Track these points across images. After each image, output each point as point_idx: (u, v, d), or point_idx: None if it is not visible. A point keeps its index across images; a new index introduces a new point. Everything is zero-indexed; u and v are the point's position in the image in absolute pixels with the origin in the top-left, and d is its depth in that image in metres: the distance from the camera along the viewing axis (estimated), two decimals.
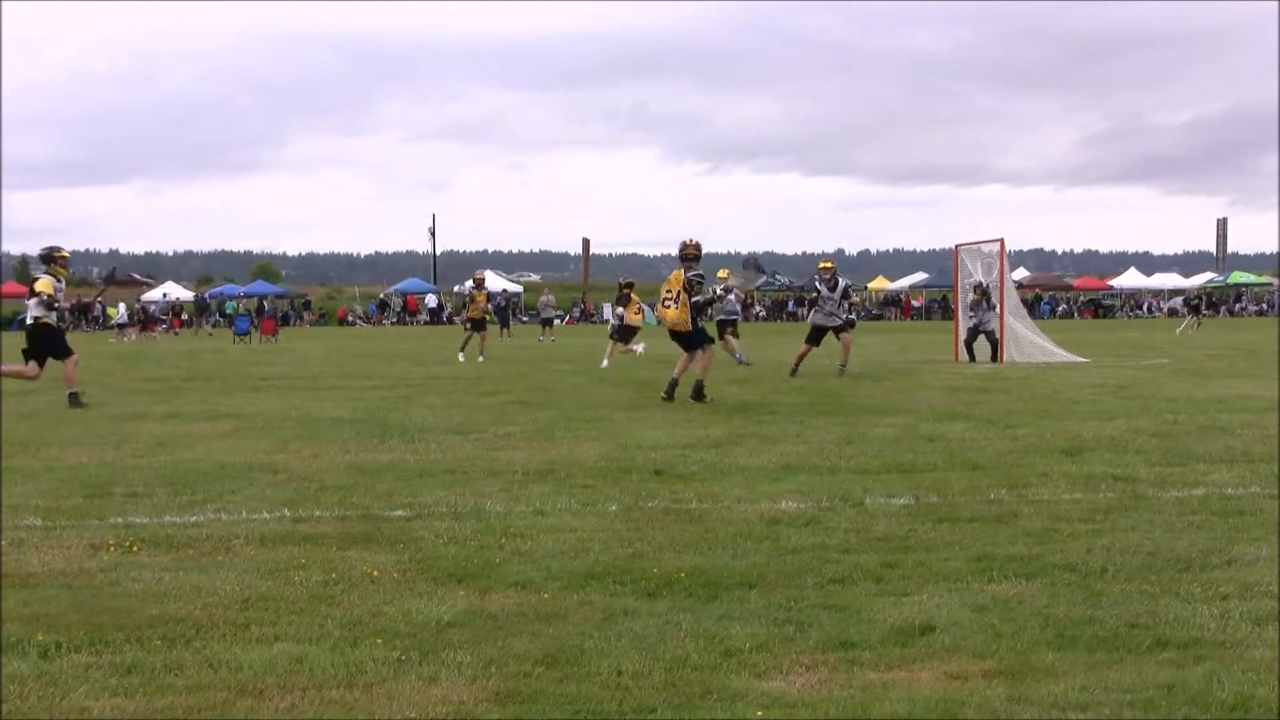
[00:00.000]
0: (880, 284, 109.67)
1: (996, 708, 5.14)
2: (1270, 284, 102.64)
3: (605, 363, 29.18)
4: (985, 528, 8.81)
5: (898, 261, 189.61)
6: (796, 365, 24.85)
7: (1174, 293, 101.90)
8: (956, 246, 33.21)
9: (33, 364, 19.20)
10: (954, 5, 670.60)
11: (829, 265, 25.49)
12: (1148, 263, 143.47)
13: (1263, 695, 5.21)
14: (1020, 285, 73.24)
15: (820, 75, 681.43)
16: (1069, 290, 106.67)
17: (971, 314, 30.35)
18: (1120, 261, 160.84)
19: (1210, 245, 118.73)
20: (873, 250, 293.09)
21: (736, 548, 8.22)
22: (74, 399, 18.89)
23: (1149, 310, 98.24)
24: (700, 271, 19.12)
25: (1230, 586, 7.05)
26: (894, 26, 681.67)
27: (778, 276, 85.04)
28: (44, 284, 19.27)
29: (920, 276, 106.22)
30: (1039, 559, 7.78)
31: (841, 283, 25.56)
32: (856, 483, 10.76)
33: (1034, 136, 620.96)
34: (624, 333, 30.99)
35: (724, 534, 8.65)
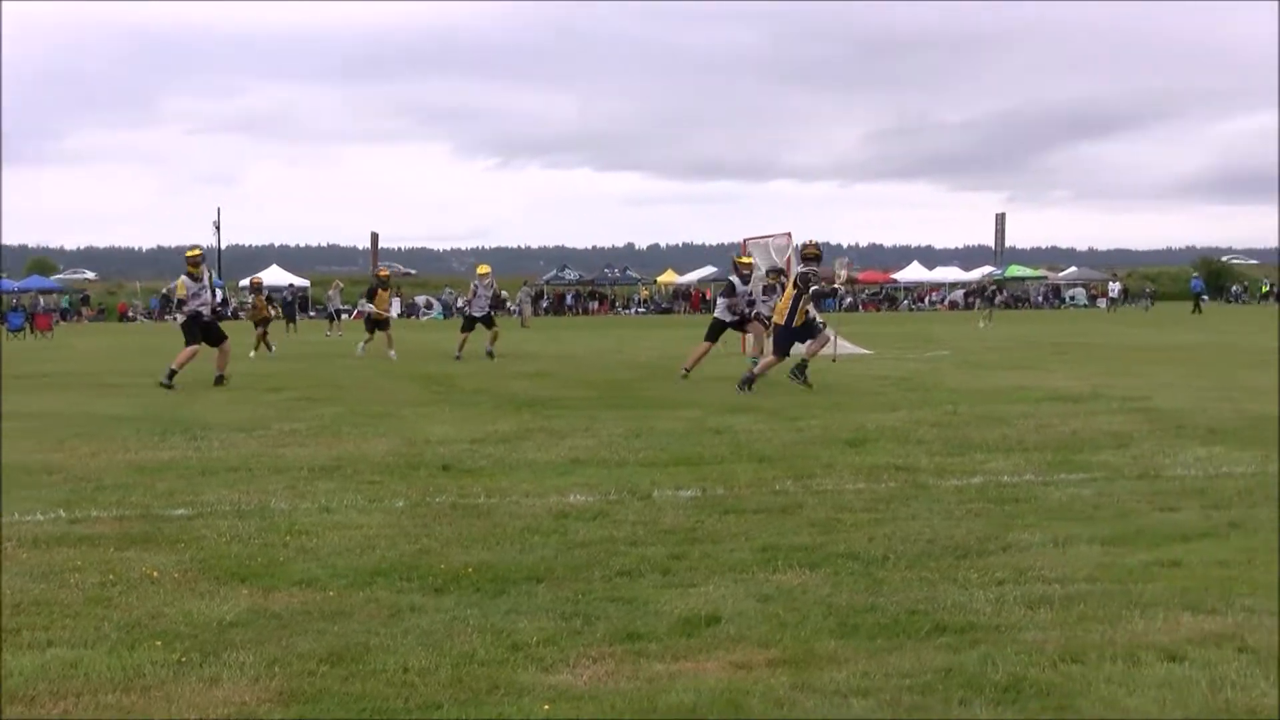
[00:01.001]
0: (670, 278, 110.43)
1: (780, 696, 5.22)
2: (1045, 277, 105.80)
3: (392, 354, 29.25)
4: (771, 519, 8.93)
5: (688, 255, 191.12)
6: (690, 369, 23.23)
7: (954, 286, 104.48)
8: (745, 240, 33.56)
9: None
10: (743, 4, 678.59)
11: (748, 260, 24.80)
12: (930, 256, 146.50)
13: (1034, 676, 5.38)
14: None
15: (612, 71, 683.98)
16: (855, 283, 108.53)
17: (765, 298, 30.56)
18: (904, 255, 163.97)
19: (989, 240, 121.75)
20: (663, 245, 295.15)
21: (524, 542, 8.22)
22: None
23: (930, 303, 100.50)
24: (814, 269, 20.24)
25: (1005, 572, 7.26)
26: (685, 23, 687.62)
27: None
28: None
29: (710, 270, 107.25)
30: (823, 548, 7.92)
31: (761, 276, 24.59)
32: (644, 475, 10.84)
33: (821, 133, 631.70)
34: (375, 324, 31.10)
35: (512, 528, 8.64)
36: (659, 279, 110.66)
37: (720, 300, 23.91)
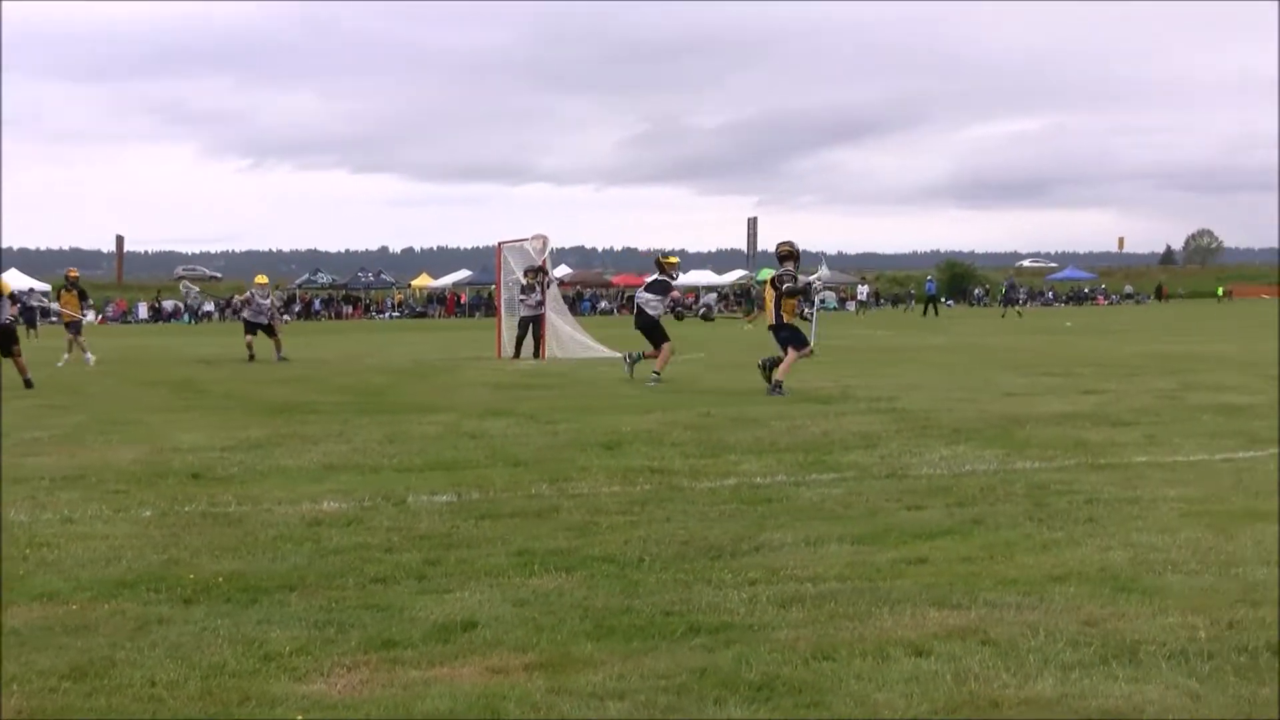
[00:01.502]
0: (425, 281, 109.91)
1: (537, 700, 5.22)
2: None
3: (89, 358, 29.50)
4: (526, 523, 8.93)
5: (442, 259, 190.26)
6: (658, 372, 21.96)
7: (708, 289, 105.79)
8: (500, 244, 33.55)
9: None
10: (498, 4, 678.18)
11: (674, 260, 23.60)
12: (684, 260, 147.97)
13: (787, 674, 5.47)
14: (562, 282, 74.56)
15: (367, 72, 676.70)
16: (609, 287, 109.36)
17: (523, 297, 30.58)
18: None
19: (741, 244, 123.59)
20: (417, 248, 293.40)
21: (276, 550, 8.09)
22: None
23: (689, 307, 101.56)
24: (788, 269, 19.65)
25: (758, 572, 7.37)
26: (442, 23, 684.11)
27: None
28: None
29: (465, 274, 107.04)
30: (578, 552, 7.94)
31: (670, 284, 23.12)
32: (399, 481, 10.75)
33: (576, 136, 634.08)
34: (71, 326, 30.97)
35: (264, 537, 8.49)
36: (414, 283, 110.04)
37: (653, 297, 22.84)
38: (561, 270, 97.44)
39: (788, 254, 19.80)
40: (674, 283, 23.40)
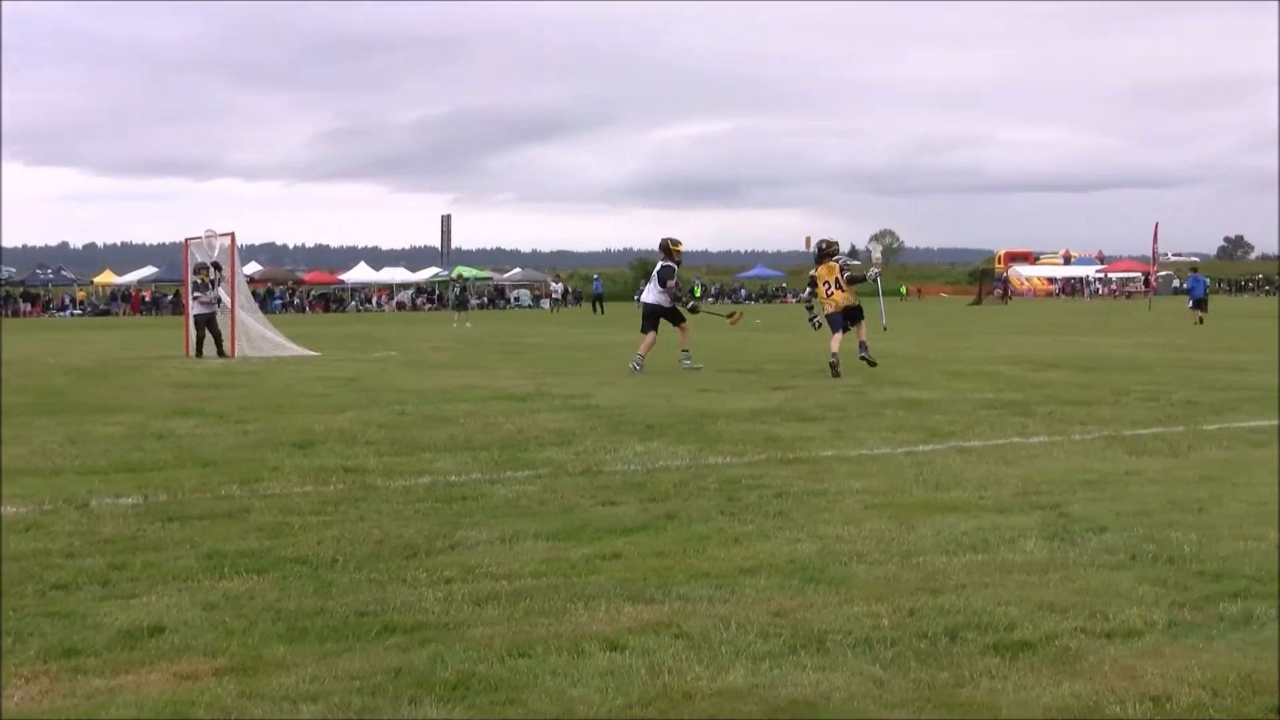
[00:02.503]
0: (108, 278, 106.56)
1: (228, 705, 5.11)
2: (490, 278, 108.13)
3: None
4: (216, 524, 8.74)
5: (127, 255, 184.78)
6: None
7: (402, 286, 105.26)
8: (186, 240, 32.77)
9: None
10: None
11: (679, 246, 23.80)
12: (377, 257, 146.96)
13: (483, 671, 5.47)
14: (251, 279, 73.28)
15: (47, 61, 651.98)
16: (300, 284, 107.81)
17: (196, 294, 29.98)
18: (351, 256, 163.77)
19: (435, 241, 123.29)
20: (100, 244, 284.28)
21: None
22: None
23: (379, 304, 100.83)
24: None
25: (454, 570, 7.35)
26: (129, 12, 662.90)
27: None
28: None
29: (150, 270, 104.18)
30: (270, 553, 7.80)
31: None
32: (82, 484, 10.40)
33: (266, 132, 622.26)
34: None
35: None
36: (96, 279, 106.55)
37: (655, 288, 23.00)
38: (252, 267, 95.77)
39: (831, 250, 22.37)
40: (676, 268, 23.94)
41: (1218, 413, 15.15)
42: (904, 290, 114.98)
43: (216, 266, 30.05)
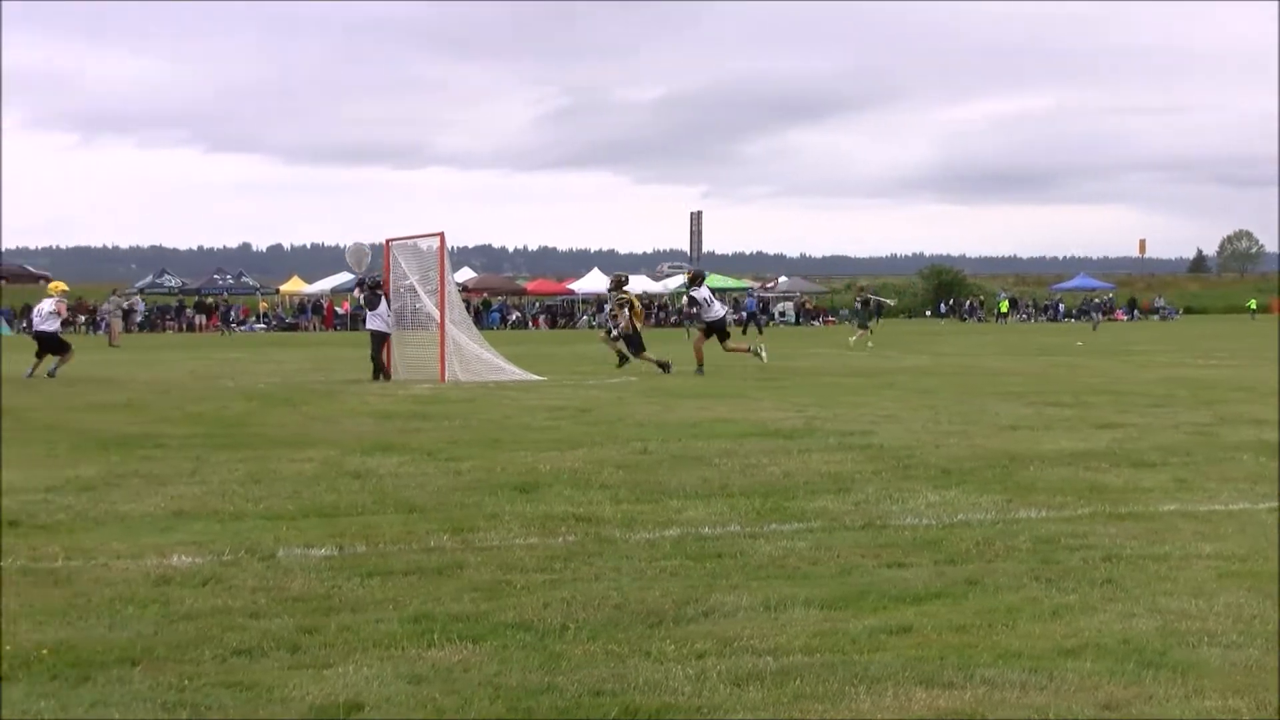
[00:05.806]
0: (296, 286, 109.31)
1: None
2: (749, 288, 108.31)
3: None
4: (424, 581, 8.89)
5: (318, 259, 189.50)
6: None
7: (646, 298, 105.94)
8: (387, 241, 33.44)
9: None
10: None
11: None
12: (613, 262, 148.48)
13: None
14: (465, 289, 74.54)
15: (225, 31, 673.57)
16: (523, 295, 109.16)
17: (369, 309, 31.01)
18: (581, 261, 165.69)
19: (683, 243, 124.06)
20: (287, 246, 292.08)
21: (115, 615, 8.02)
22: None
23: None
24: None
25: (707, 642, 7.36)
26: None
27: None
28: None
29: (346, 278, 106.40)
30: (488, 617, 7.91)
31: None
32: (267, 530, 10.69)
33: (480, 111, 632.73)
34: None
35: (99, 598, 8.42)
36: (282, 288, 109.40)
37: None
38: (464, 274, 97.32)
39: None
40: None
41: None
42: (1254, 305, 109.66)
43: (375, 285, 31.19)
